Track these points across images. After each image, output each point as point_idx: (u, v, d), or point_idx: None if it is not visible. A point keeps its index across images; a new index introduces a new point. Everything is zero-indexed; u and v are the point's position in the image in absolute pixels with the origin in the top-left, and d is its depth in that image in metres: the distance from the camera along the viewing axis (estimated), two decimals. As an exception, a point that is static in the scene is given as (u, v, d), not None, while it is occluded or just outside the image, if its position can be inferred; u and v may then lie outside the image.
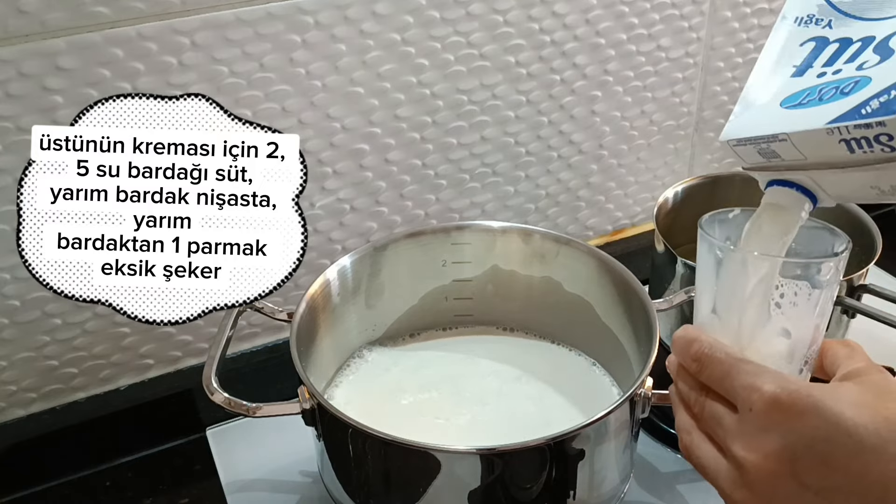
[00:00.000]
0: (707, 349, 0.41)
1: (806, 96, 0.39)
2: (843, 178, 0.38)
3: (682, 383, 0.43)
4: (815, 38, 0.41)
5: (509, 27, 0.69)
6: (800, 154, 0.38)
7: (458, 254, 0.67)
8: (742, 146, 0.41)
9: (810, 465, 0.36)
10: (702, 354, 0.41)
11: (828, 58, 0.40)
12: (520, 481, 0.50)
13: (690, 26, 0.78)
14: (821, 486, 0.36)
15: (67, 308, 0.64)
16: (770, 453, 0.36)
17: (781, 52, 0.42)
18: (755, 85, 0.42)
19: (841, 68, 0.38)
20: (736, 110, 0.43)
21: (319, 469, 0.59)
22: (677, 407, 0.44)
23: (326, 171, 0.68)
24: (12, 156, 0.57)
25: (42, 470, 0.66)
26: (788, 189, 0.41)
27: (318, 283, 0.61)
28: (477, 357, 0.67)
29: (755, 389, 0.37)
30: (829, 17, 0.41)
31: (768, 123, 0.39)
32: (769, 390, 0.37)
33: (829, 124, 0.35)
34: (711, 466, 0.40)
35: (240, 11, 0.59)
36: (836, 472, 0.35)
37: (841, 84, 0.37)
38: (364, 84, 0.66)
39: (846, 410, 0.35)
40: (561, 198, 0.81)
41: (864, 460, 0.35)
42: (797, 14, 0.42)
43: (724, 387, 0.40)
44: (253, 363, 0.73)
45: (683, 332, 0.43)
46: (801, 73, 0.40)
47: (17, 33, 0.54)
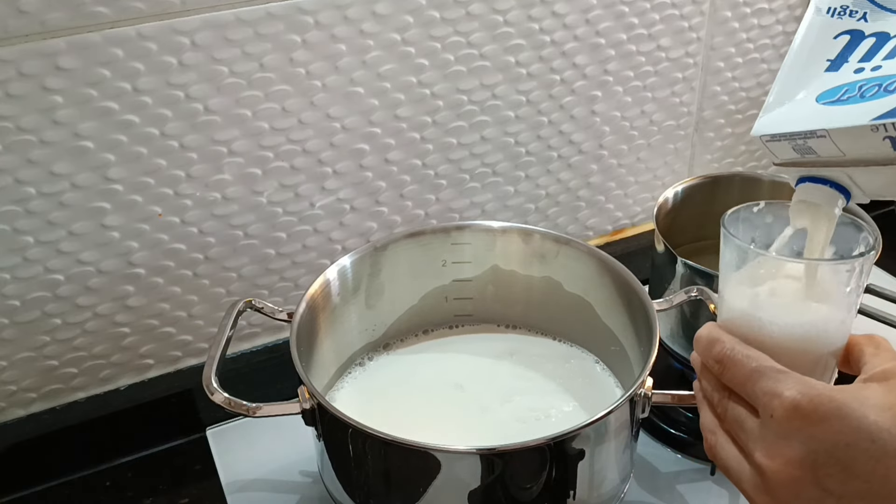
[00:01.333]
0: (729, 351, 0.40)
1: (844, 92, 0.38)
2: (880, 175, 0.37)
3: (705, 382, 0.42)
4: (849, 30, 0.40)
5: (509, 27, 0.69)
6: (838, 151, 0.37)
7: (458, 254, 0.67)
8: (776, 142, 0.41)
9: (832, 471, 0.35)
10: (724, 356, 0.40)
11: (864, 53, 0.39)
12: (520, 481, 0.50)
13: (690, 26, 0.78)
14: (843, 492, 0.35)
15: (67, 308, 0.64)
16: (791, 460, 0.36)
17: (814, 45, 0.41)
18: (787, 78, 0.41)
19: (881, 65, 0.38)
20: (768, 103, 0.41)
21: (319, 469, 0.59)
22: (702, 405, 0.43)
23: (326, 171, 0.68)
24: (12, 156, 0.57)
25: (42, 470, 0.66)
26: (821, 186, 0.40)
27: (318, 283, 0.61)
28: (477, 356, 0.67)
29: (776, 395, 0.37)
30: (865, 10, 0.40)
31: (805, 119, 0.39)
32: (789, 396, 0.36)
33: (875, 121, 0.35)
34: (735, 469, 0.40)
35: (240, 11, 0.59)
36: (859, 477, 0.35)
37: (884, 81, 0.36)
38: (364, 84, 0.66)
39: (870, 414, 0.35)
40: (561, 198, 0.81)
41: (888, 465, 0.34)
42: (830, 4, 0.41)
43: (745, 391, 0.39)
44: (253, 363, 0.73)
45: (707, 330, 0.42)
46: (836, 69, 0.40)
47: (17, 33, 0.54)
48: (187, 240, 0.66)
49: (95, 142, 0.59)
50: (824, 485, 0.36)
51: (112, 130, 0.59)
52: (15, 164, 0.57)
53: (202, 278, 0.68)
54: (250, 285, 0.70)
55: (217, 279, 0.68)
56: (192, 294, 0.68)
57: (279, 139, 0.65)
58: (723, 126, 0.86)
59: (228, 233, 0.67)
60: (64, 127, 0.58)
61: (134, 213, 0.63)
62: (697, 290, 0.59)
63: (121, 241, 0.63)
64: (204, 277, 0.68)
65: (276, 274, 0.71)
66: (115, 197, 0.61)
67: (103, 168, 0.60)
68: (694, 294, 0.59)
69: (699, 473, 0.64)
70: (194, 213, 0.65)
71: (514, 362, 0.66)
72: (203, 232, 0.66)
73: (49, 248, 0.61)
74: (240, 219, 0.67)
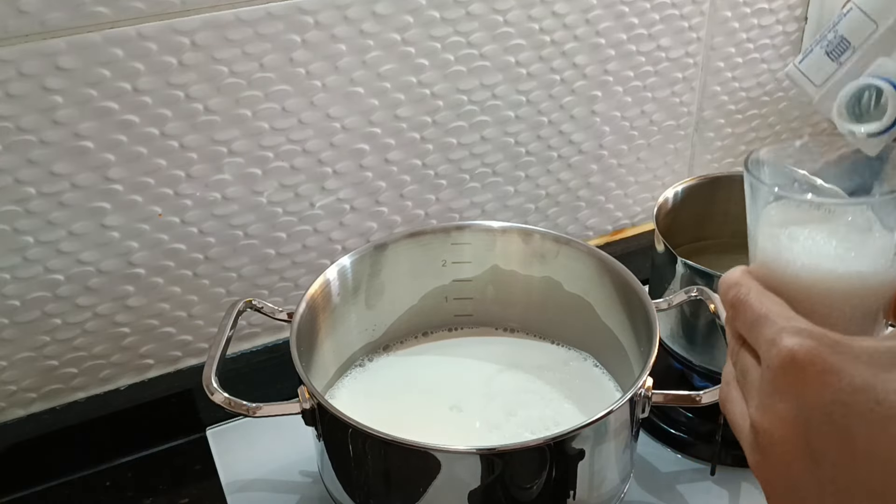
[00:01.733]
0: (744, 295, 0.36)
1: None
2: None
3: (728, 329, 0.38)
4: None
5: (509, 27, 0.69)
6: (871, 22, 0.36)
7: (458, 254, 0.67)
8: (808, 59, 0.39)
9: (826, 435, 0.30)
10: (737, 300, 0.36)
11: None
12: (520, 481, 0.50)
13: (690, 26, 0.78)
14: (838, 462, 0.30)
15: (67, 308, 0.64)
16: (783, 418, 0.32)
17: None
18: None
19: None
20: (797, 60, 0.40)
21: (319, 469, 0.59)
22: (727, 355, 0.38)
23: (326, 171, 0.68)
24: (12, 156, 0.57)
25: (42, 470, 0.66)
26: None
27: (318, 283, 0.61)
28: (477, 357, 0.67)
29: (774, 344, 0.32)
30: None
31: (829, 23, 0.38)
32: (787, 346, 0.31)
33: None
34: (738, 423, 0.35)
35: (240, 11, 0.59)
36: (857, 445, 0.30)
37: None
38: (364, 84, 0.66)
39: (880, 374, 0.29)
40: (561, 198, 0.81)
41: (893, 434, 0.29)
42: None
43: (752, 337, 0.35)
44: (253, 363, 0.73)
45: (729, 273, 0.38)
46: None
47: (17, 33, 0.54)
48: (187, 240, 0.66)
49: (95, 142, 0.59)
50: (816, 451, 0.31)
51: (112, 130, 0.59)
52: (15, 164, 0.57)
53: (202, 278, 0.68)
54: (250, 285, 0.70)
55: (217, 279, 0.69)
56: (192, 294, 0.68)
57: (279, 139, 0.65)
58: (723, 126, 0.86)
59: (228, 233, 0.67)
60: (64, 127, 0.58)
61: (134, 213, 0.63)
62: (697, 290, 0.59)
63: (121, 241, 0.63)
64: (204, 277, 0.68)
65: (276, 274, 0.71)
66: (115, 197, 0.61)
67: (103, 168, 0.60)
68: (694, 294, 0.59)
69: (699, 473, 0.64)
70: (194, 213, 0.65)
71: (512, 366, 0.66)
72: (203, 232, 0.66)
73: (49, 248, 0.61)
74: (240, 219, 0.67)
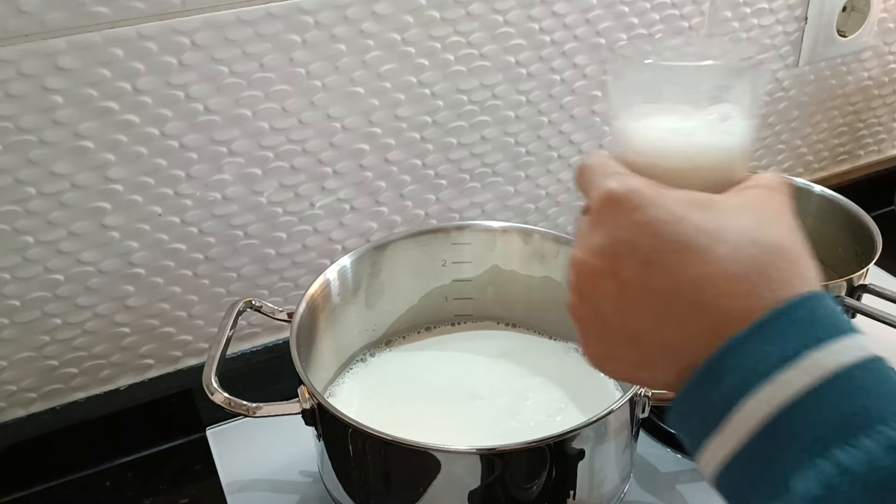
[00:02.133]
0: (587, 160, 0.36)
1: None
2: None
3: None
4: None
5: (509, 27, 0.69)
6: None
7: (458, 254, 0.67)
8: None
9: (632, 261, 0.32)
10: (581, 166, 0.36)
11: None
12: (520, 481, 0.50)
13: (690, 26, 0.78)
14: (640, 284, 0.32)
15: (67, 308, 0.64)
16: (594, 249, 0.33)
17: None
18: None
19: None
20: None
21: (319, 469, 0.59)
22: None
23: (326, 171, 0.68)
24: (12, 156, 0.57)
25: (42, 470, 0.66)
26: None
27: (318, 283, 0.61)
28: (477, 356, 0.67)
29: (598, 188, 0.33)
30: None
31: None
32: (608, 187, 0.33)
33: None
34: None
35: (240, 11, 0.59)
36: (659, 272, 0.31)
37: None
38: (364, 84, 0.66)
39: (685, 212, 0.31)
40: (561, 198, 0.81)
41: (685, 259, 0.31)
42: None
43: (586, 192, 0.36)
44: (253, 363, 0.73)
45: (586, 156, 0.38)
46: None
47: (17, 33, 0.54)
48: (187, 240, 0.66)
49: (95, 142, 0.59)
50: (622, 276, 0.32)
51: (112, 130, 0.59)
52: (15, 164, 0.57)
53: (202, 278, 0.68)
54: (250, 285, 0.70)
55: (217, 279, 0.68)
56: (192, 294, 0.68)
57: (279, 139, 0.65)
58: (723, 126, 0.86)
59: (228, 233, 0.67)
60: (64, 127, 0.58)
61: (134, 213, 0.63)
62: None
63: (121, 241, 0.63)
64: (204, 277, 0.68)
65: (276, 274, 0.71)
66: (115, 197, 0.61)
67: (103, 168, 0.60)
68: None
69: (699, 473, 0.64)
70: (194, 213, 0.65)
71: (513, 361, 0.66)
72: (203, 232, 0.66)
73: (49, 248, 0.61)
74: (240, 219, 0.67)
